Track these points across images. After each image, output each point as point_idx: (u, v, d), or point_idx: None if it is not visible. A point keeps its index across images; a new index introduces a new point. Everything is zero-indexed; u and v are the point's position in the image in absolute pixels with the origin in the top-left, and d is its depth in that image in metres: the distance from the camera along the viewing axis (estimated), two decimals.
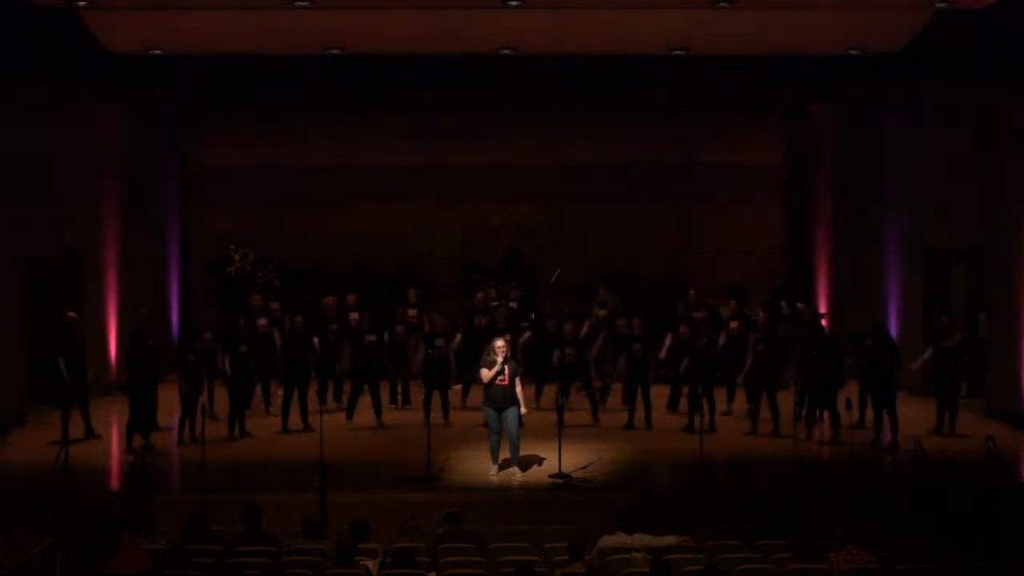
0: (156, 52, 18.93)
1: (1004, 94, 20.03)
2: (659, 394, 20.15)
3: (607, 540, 13.33)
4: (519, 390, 16.92)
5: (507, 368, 16.87)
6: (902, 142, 22.71)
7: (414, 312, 21.12)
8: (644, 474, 17.78)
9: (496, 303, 21.94)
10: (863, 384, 19.15)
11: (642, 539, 13.31)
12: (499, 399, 16.89)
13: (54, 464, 15.83)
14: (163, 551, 12.96)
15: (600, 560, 12.39)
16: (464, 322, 21.14)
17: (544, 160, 24.99)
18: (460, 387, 20.65)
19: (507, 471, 16.96)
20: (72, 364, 18.61)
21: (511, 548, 13.27)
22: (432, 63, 20.47)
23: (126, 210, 22.85)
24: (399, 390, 20.95)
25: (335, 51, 18.99)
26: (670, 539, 13.43)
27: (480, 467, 17.26)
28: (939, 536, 14.05)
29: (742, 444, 18.82)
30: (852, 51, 19.13)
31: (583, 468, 17.19)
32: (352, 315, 20.46)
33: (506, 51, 18.94)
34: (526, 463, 17.22)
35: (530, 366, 20.56)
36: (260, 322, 20.05)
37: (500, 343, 17.16)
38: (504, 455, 17.04)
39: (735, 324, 20.13)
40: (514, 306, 22.10)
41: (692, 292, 21.46)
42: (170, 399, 19.10)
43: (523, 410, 16.99)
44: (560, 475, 16.74)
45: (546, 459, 17.44)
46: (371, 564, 12.62)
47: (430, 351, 19.85)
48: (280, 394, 20.03)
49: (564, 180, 25.05)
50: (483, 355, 17.14)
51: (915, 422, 19.08)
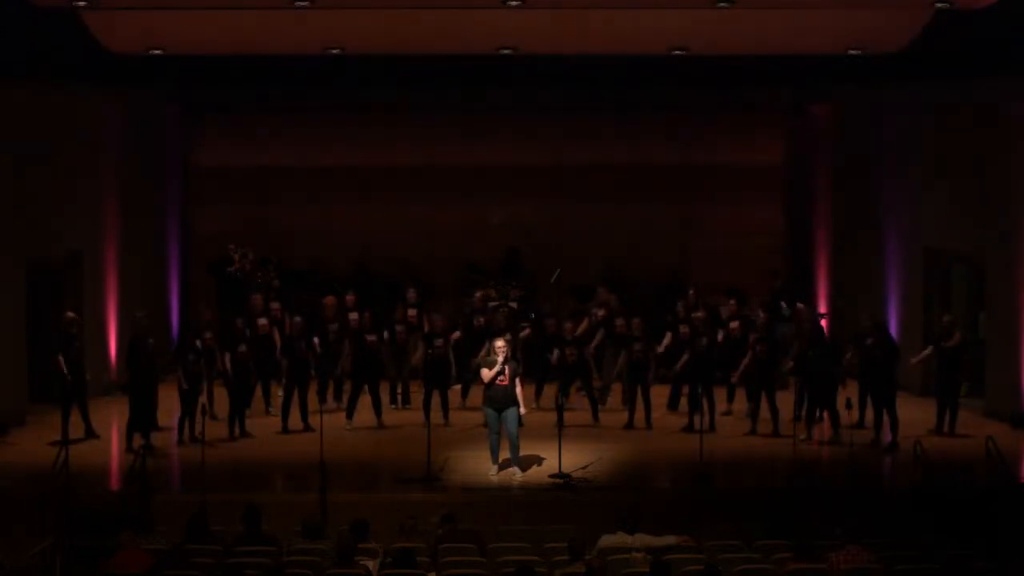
0: (156, 52, 18.95)
1: (1004, 94, 20.03)
2: (659, 394, 20.16)
3: (607, 540, 13.33)
4: (519, 390, 16.92)
5: (507, 368, 16.87)
6: (902, 142, 22.72)
7: (414, 312, 21.11)
8: (644, 474, 17.78)
9: (495, 303, 21.94)
10: (863, 383, 19.16)
11: (642, 539, 13.31)
12: (499, 399, 16.89)
13: (54, 464, 15.83)
14: (163, 551, 12.96)
15: (600, 560, 12.38)
16: (463, 322, 21.15)
17: (544, 160, 24.97)
18: (460, 387, 20.68)
19: (507, 471, 16.96)
20: (71, 364, 18.63)
21: (511, 548, 13.27)
22: (432, 63, 20.47)
23: (126, 210, 22.84)
24: (399, 390, 20.96)
25: (335, 51, 19.00)
26: (670, 539, 13.43)
27: (480, 467, 17.25)
28: (939, 536, 14.05)
29: (742, 444, 18.82)
30: (852, 51, 19.14)
31: (583, 468, 17.18)
32: (352, 315, 20.47)
33: (506, 51, 18.94)
34: (526, 463, 17.21)
35: (530, 366, 20.57)
36: (260, 322, 20.05)
37: (500, 343, 17.15)
38: (504, 455, 17.04)
39: (735, 324, 20.11)
40: (514, 306, 22.09)
41: (692, 292, 21.43)
42: (170, 399, 19.11)
43: (523, 410, 16.99)
44: (560, 475, 16.74)
45: (546, 459, 17.44)
46: (371, 564, 12.62)
47: (430, 351, 19.86)
48: (280, 394, 20.04)
49: (564, 180, 25.04)
50: (482, 354, 17.11)
51: (915, 422, 19.08)
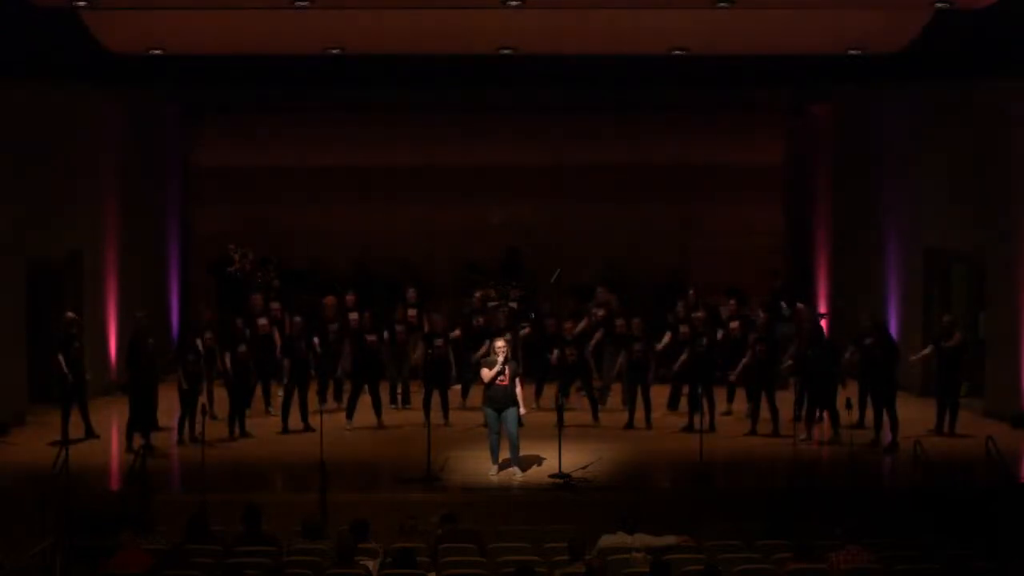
0: (156, 52, 18.95)
1: (1004, 94, 20.02)
2: (659, 394, 20.15)
3: (607, 540, 13.33)
4: (519, 391, 16.92)
5: (507, 368, 16.87)
6: (902, 142, 22.72)
7: (414, 312, 21.11)
8: (644, 474, 17.78)
9: (495, 303, 21.93)
10: (863, 383, 19.15)
11: (642, 539, 13.30)
12: (499, 399, 16.88)
13: (54, 464, 15.83)
14: (163, 551, 12.95)
15: (600, 560, 12.37)
16: (462, 322, 21.15)
17: (544, 160, 24.98)
18: (460, 387, 20.68)
19: (507, 471, 16.95)
20: (71, 363, 18.62)
21: (511, 548, 13.26)
22: (432, 63, 20.46)
23: (126, 210, 22.84)
24: (399, 390, 20.96)
25: (335, 51, 19.00)
26: (670, 539, 13.43)
27: (480, 467, 17.25)
28: (939, 536, 14.04)
29: (742, 444, 18.82)
30: (852, 51, 19.13)
31: (583, 468, 17.18)
32: (352, 315, 20.47)
33: (506, 51, 18.94)
34: (526, 463, 17.21)
35: (530, 366, 20.57)
36: (260, 322, 20.04)
37: (500, 343, 17.14)
38: (504, 455, 17.04)
39: (735, 324, 20.10)
40: (514, 306, 22.09)
41: (692, 292, 21.42)
42: (170, 399, 19.10)
43: (522, 411, 16.98)
44: (560, 475, 16.73)
45: (546, 459, 17.43)
46: (371, 564, 12.61)
47: (430, 351, 19.85)
48: (280, 394, 20.04)
49: (564, 180, 25.05)
50: (482, 351, 17.08)
51: (915, 422, 19.07)
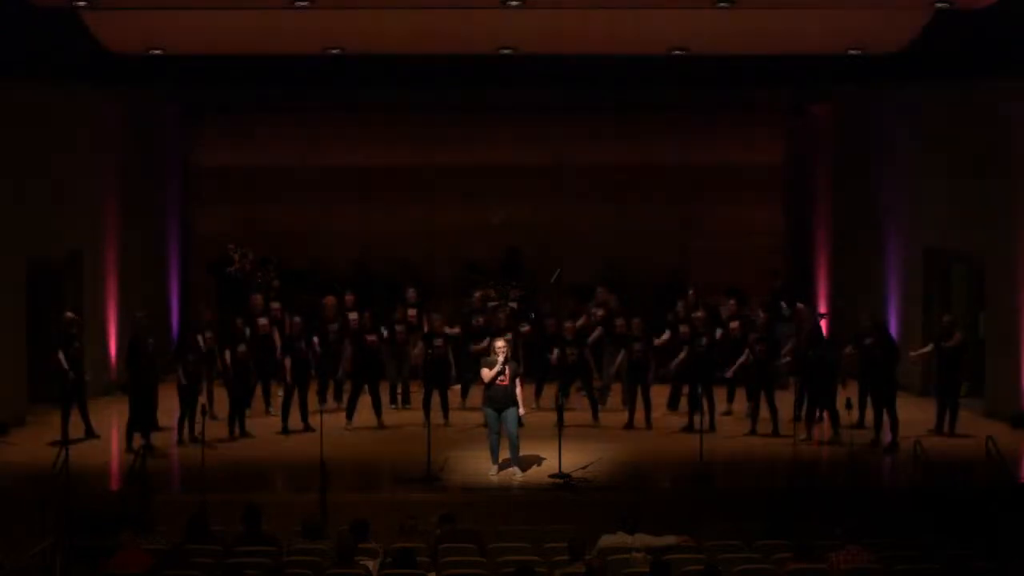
0: (156, 52, 18.94)
1: (1004, 94, 20.02)
2: (659, 394, 20.16)
3: (607, 540, 13.32)
4: (519, 391, 16.92)
5: (507, 368, 16.87)
6: (902, 142, 22.72)
7: (414, 312, 21.11)
8: (644, 474, 17.77)
9: (495, 303, 21.93)
10: (863, 383, 19.15)
11: (642, 539, 13.30)
12: (499, 399, 16.88)
13: (54, 464, 15.83)
14: (163, 551, 12.95)
15: (600, 560, 12.37)
16: (462, 322, 21.14)
17: (544, 160, 24.98)
18: (460, 387, 20.68)
19: (507, 471, 16.95)
20: (71, 363, 18.62)
21: (511, 548, 13.26)
22: (432, 63, 20.46)
23: (126, 210, 22.84)
24: (399, 390, 20.97)
25: (335, 51, 18.99)
26: (670, 539, 13.43)
27: (480, 467, 17.25)
28: (939, 536, 14.04)
29: (742, 444, 18.82)
30: (852, 51, 19.12)
31: (583, 468, 17.18)
32: (351, 315, 20.46)
33: (506, 51, 18.94)
34: (526, 463, 17.21)
35: (530, 366, 20.57)
36: (260, 322, 20.03)
37: (501, 343, 17.14)
38: (504, 455, 17.04)
39: (735, 324, 20.09)
40: (514, 306, 22.09)
41: (692, 292, 21.42)
42: (170, 399, 19.10)
43: (522, 411, 16.98)
44: (560, 475, 16.74)
45: (546, 459, 17.43)
46: (371, 564, 12.61)
47: (429, 351, 19.85)
48: (280, 394, 20.04)
49: (564, 180, 25.05)
50: (483, 344, 17.06)
51: (915, 422, 19.08)
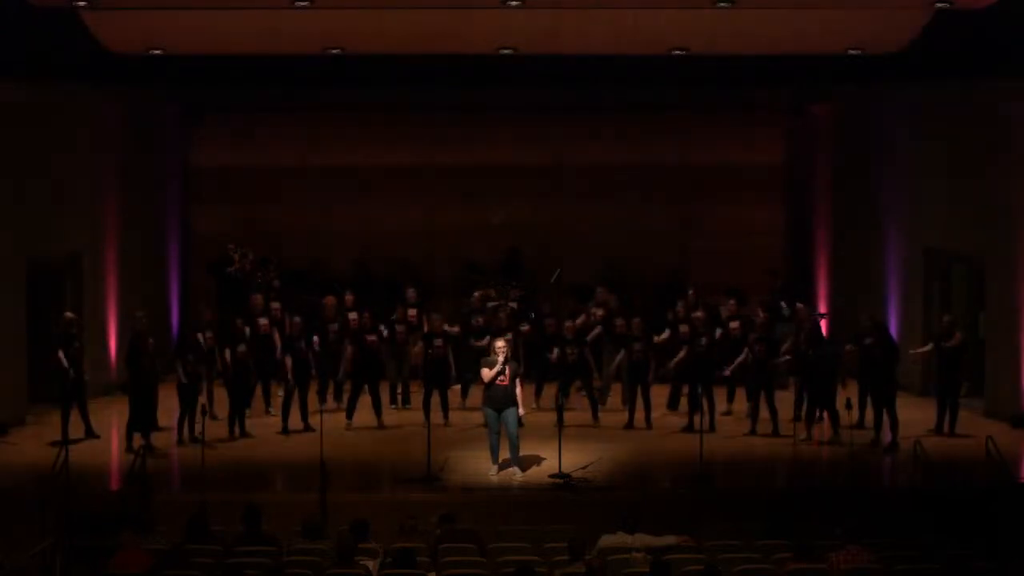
0: (156, 52, 18.94)
1: (1004, 94, 20.01)
2: (659, 394, 20.16)
3: (607, 540, 13.32)
4: (519, 391, 16.92)
5: (507, 368, 16.87)
6: (902, 142, 22.72)
7: (414, 312, 21.11)
8: (644, 474, 17.77)
9: (495, 303, 21.93)
10: (863, 383, 19.15)
11: (642, 539, 13.30)
12: (499, 399, 16.87)
13: (54, 464, 15.83)
14: (163, 551, 12.95)
15: (600, 560, 12.38)
16: (462, 322, 21.14)
17: (544, 160, 24.97)
18: (460, 387, 20.68)
19: (507, 471, 16.95)
20: (71, 363, 18.62)
21: (511, 548, 13.26)
22: (432, 63, 20.46)
23: (126, 210, 22.84)
24: (399, 390, 20.97)
25: (335, 51, 18.99)
26: (670, 539, 13.43)
27: (480, 467, 17.25)
28: (939, 536, 14.05)
29: (742, 444, 18.82)
30: (852, 51, 19.11)
31: (583, 468, 17.18)
32: (351, 315, 20.46)
33: (506, 51, 18.93)
34: (526, 463, 17.21)
35: (530, 366, 20.57)
36: (260, 322, 20.02)
37: (501, 343, 17.14)
38: (504, 455, 17.04)
39: (735, 324, 20.09)
40: (514, 306, 22.09)
41: (692, 292, 21.41)
42: (170, 399, 19.10)
43: (522, 411, 16.98)
44: (560, 475, 16.74)
45: (546, 459, 17.44)
46: (371, 564, 12.61)
47: (429, 351, 19.85)
48: (280, 394, 20.04)
49: (564, 180, 25.05)
50: (484, 341, 17.06)
51: (915, 422, 19.08)
